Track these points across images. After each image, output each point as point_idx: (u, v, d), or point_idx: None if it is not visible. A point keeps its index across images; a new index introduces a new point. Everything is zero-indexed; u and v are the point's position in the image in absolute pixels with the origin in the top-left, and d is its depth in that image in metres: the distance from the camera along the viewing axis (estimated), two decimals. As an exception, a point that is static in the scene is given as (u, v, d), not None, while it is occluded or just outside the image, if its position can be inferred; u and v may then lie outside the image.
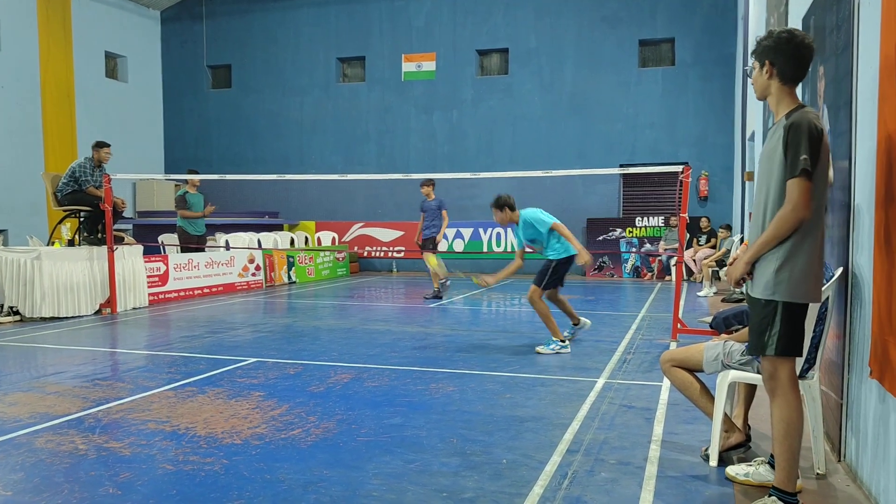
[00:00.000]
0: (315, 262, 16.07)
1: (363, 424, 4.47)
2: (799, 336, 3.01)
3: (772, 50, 3.05)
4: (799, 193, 2.88)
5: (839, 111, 3.99)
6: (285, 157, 19.15)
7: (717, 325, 6.66)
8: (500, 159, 17.43)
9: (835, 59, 4.14)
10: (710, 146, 16.30)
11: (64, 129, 16.86)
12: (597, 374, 5.93)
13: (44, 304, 9.25)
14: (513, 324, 9.18)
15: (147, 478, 3.56)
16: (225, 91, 19.93)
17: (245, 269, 13.65)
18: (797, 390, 3.04)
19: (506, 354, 6.82)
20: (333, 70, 18.90)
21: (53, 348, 7.34)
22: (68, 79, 17.01)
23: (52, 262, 9.39)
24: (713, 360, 3.73)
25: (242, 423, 4.50)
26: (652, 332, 8.19)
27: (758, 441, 4.07)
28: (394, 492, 3.36)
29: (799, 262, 2.95)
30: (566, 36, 17.07)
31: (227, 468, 3.68)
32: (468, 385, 5.54)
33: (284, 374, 5.99)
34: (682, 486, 3.43)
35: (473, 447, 4.01)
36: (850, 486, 3.43)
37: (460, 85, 17.91)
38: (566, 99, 17.15)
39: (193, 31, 19.93)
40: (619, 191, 17.10)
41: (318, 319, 9.48)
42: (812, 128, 2.90)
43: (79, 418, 4.66)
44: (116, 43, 18.71)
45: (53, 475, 3.60)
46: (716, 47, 16.13)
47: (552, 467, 3.68)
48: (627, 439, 4.16)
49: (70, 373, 6.06)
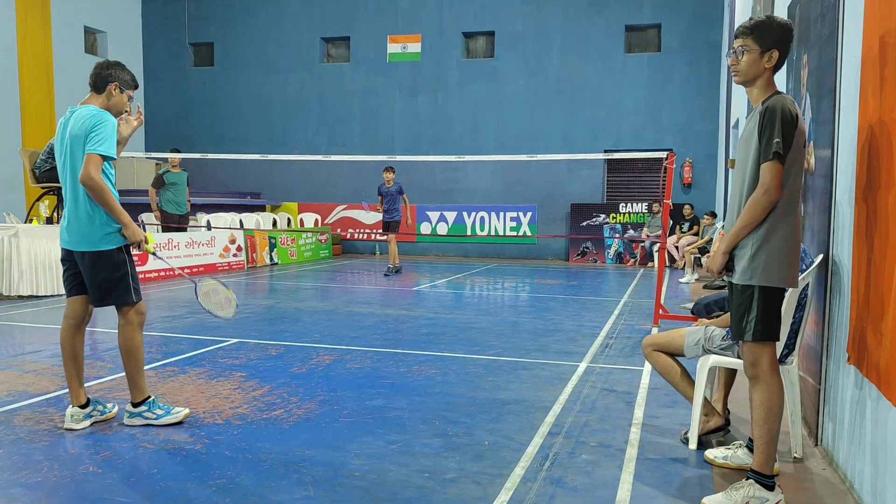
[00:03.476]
0: (297, 244, 15.99)
1: (345, 405, 4.47)
2: (776, 321, 3.04)
3: (780, 39, 3.04)
4: (771, 176, 2.91)
5: (822, 100, 4.02)
6: (268, 137, 18.99)
7: (698, 312, 6.72)
8: (484, 143, 17.40)
9: (819, 48, 4.16)
10: (695, 133, 16.38)
11: (42, 105, 16.57)
12: (579, 358, 5.97)
13: (21, 282, 9.13)
14: (495, 307, 9.21)
15: (128, 456, 3.54)
16: (207, 69, 19.68)
17: (226, 249, 13.55)
18: (778, 375, 3.08)
19: (488, 337, 6.84)
20: (318, 50, 18.72)
21: (31, 327, 7.26)
22: (47, 54, 16.69)
23: (30, 239, 9.26)
24: (694, 345, 3.76)
25: (224, 403, 4.49)
26: (634, 317, 8.25)
27: (736, 425, 4.12)
28: (375, 472, 3.37)
29: (775, 247, 2.97)
30: (553, 20, 17.02)
31: (208, 447, 3.67)
32: (450, 367, 5.55)
33: (266, 354, 5.97)
34: (661, 469, 3.47)
35: (455, 429, 4.03)
36: (826, 470, 3.49)
37: (446, 67, 17.81)
38: (552, 83, 17.12)
39: (175, 7, 19.62)
40: (603, 177, 17.15)
41: (300, 301, 9.44)
42: (786, 112, 2.91)
43: (57, 397, 4.62)
44: (96, 18, 18.38)
45: (33, 453, 3.57)
46: (702, 34, 16.16)
47: (533, 449, 3.71)
48: (608, 422, 4.20)
49: (48, 351, 6.00)
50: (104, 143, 3.77)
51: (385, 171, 12.60)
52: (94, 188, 3.73)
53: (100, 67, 4.01)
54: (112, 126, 3.85)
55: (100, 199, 3.77)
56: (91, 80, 3.99)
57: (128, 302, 4.01)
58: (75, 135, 3.83)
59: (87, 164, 3.72)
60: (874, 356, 2.81)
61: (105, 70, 3.98)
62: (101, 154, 3.75)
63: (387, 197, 12.59)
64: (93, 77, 3.98)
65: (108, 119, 3.84)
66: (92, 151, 3.74)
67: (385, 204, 12.63)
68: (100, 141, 3.75)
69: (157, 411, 4.05)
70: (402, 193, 12.65)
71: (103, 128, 3.79)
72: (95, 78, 3.98)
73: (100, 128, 3.78)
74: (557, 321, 7.85)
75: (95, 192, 3.75)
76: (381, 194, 12.66)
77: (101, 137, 3.76)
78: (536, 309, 8.88)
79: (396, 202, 12.60)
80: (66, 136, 3.90)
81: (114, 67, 4.01)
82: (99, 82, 3.97)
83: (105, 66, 4.02)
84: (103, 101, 3.98)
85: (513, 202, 17.33)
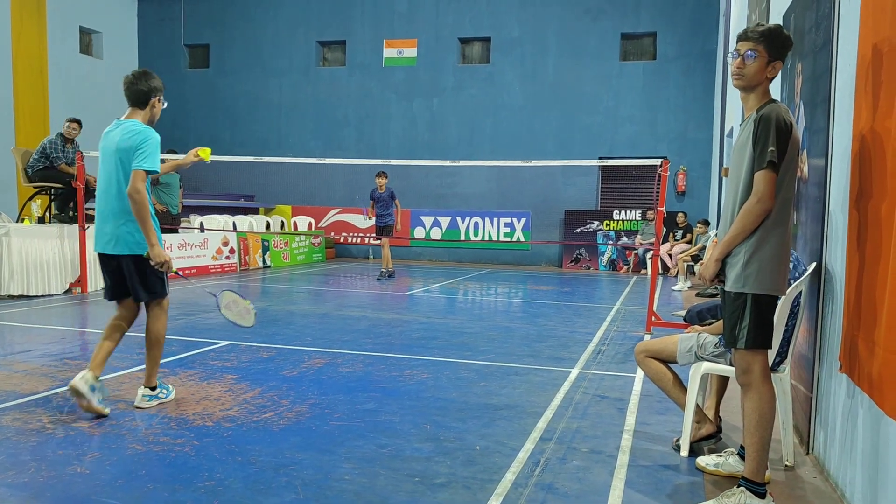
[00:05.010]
0: (290, 247, 15.95)
1: (336, 409, 4.45)
2: (768, 328, 3.04)
3: (785, 49, 3.04)
4: (765, 185, 2.91)
5: (816, 108, 4.03)
6: (263, 139, 18.96)
7: (690, 319, 6.74)
8: (480, 148, 17.42)
9: (813, 57, 4.18)
10: (689, 141, 16.43)
11: (36, 105, 16.51)
12: (571, 364, 5.97)
13: (12, 281, 9.08)
14: (488, 313, 9.20)
15: (116, 458, 3.51)
16: (202, 71, 19.65)
17: (219, 251, 13.50)
18: (770, 383, 3.08)
19: (481, 342, 6.83)
20: (313, 53, 18.72)
21: (21, 327, 7.21)
22: (41, 54, 16.64)
23: (22, 239, 9.21)
24: (687, 352, 3.76)
25: (214, 406, 4.46)
26: (626, 324, 8.26)
27: (728, 432, 4.12)
28: (366, 476, 3.35)
29: (767, 255, 2.98)
30: (549, 27, 17.07)
31: (197, 450, 3.64)
32: (442, 372, 5.54)
33: (258, 357, 5.94)
34: (652, 476, 3.47)
35: (446, 433, 4.02)
36: (817, 479, 3.49)
37: (441, 72, 17.84)
38: (547, 90, 17.16)
39: (171, 8, 19.60)
40: (597, 184, 17.18)
41: (292, 304, 9.41)
42: (781, 121, 2.92)
43: (46, 397, 4.58)
44: (92, 18, 18.34)
45: (20, 453, 3.53)
46: (697, 43, 16.23)
47: (525, 454, 3.69)
48: (600, 428, 4.19)
49: (38, 352, 5.96)
50: (149, 159, 4.07)
51: (378, 177, 12.71)
52: (139, 202, 4.05)
53: (136, 83, 4.24)
54: (156, 143, 4.16)
55: (139, 214, 4.07)
56: (130, 97, 4.25)
57: (162, 295, 4.39)
58: (123, 148, 4.13)
59: (134, 178, 4.03)
60: (866, 365, 2.81)
61: (144, 85, 4.24)
62: (146, 170, 4.06)
63: (379, 202, 12.71)
64: (132, 94, 4.25)
65: (154, 137, 4.16)
66: (138, 168, 4.05)
67: (378, 209, 12.75)
68: (145, 158, 4.06)
69: (164, 391, 4.50)
70: (395, 199, 12.78)
71: (149, 145, 4.10)
72: (136, 95, 4.24)
73: (146, 145, 4.09)
74: (550, 327, 7.84)
75: (138, 206, 4.06)
76: (374, 199, 12.78)
77: (147, 154, 4.07)
78: (529, 315, 8.87)
79: (389, 207, 12.75)
80: (114, 147, 4.16)
81: (150, 80, 4.28)
82: (141, 98, 4.25)
83: (141, 81, 4.25)
84: (146, 114, 4.29)
85: (507, 208, 17.34)
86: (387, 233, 12.82)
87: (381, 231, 12.90)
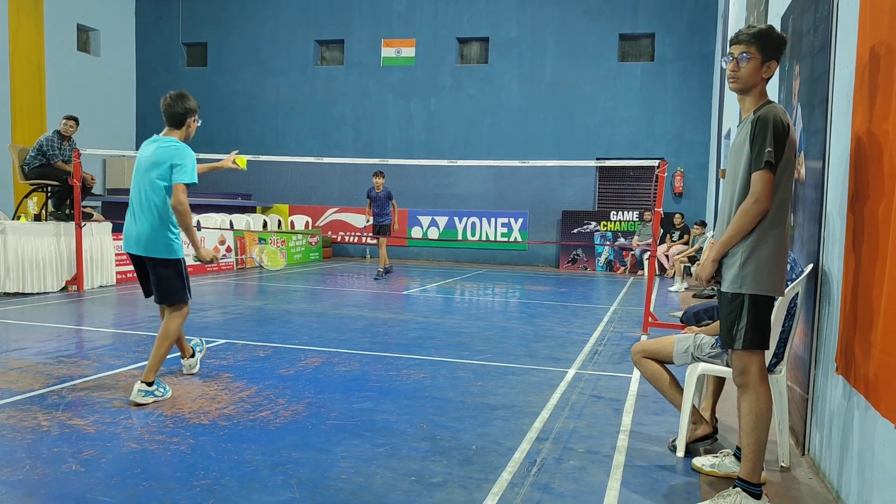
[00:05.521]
0: (287, 246, 15.93)
1: (333, 408, 4.45)
2: (765, 329, 3.04)
3: (778, 49, 3.04)
4: (762, 185, 2.91)
5: (814, 110, 4.03)
6: (260, 138, 18.93)
7: (687, 320, 6.75)
8: (477, 148, 17.42)
9: (811, 59, 4.18)
10: (687, 143, 16.45)
11: (33, 102, 16.47)
12: (568, 364, 5.97)
13: (8, 279, 9.05)
14: (485, 312, 9.20)
15: (111, 455, 3.50)
16: (200, 69, 19.62)
17: (216, 250, 13.48)
18: (767, 384, 3.08)
19: (477, 342, 6.83)
20: (311, 52, 18.70)
21: (17, 324, 7.19)
22: (38, 51, 16.60)
23: (18, 236, 9.19)
24: (683, 353, 3.76)
25: (210, 404, 4.45)
26: (623, 325, 8.26)
27: (724, 433, 4.12)
28: (362, 475, 3.35)
29: (764, 256, 2.98)
30: (547, 27, 17.07)
31: (193, 448, 3.64)
32: (439, 372, 5.54)
33: (254, 356, 5.94)
34: (648, 476, 3.47)
35: (443, 433, 4.01)
36: (813, 480, 3.50)
37: (439, 72, 17.83)
38: (545, 90, 17.17)
39: (169, 6, 19.57)
40: (594, 184, 17.19)
41: (289, 303, 9.40)
42: (778, 122, 2.92)
43: (42, 395, 4.57)
44: (89, 16, 18.29)
45: (15, 451, 3.52)
46: (695, 44, 16.25)
47: (521, 454, 3.69)
48: (596, 429, 4.19)
49: (34, 349, 5.94)
50: (188, 173, 4.45)
51: (375, 176, 12.73)
52: (183, 212, 4.46)
53: (173, 106, 4.59)
54: (193, 158, 4.54)
55: (183, 222, 4.52)
56: (168, 119, 4.61)
57: (184, 301, 4.66)
58: (161, 161, 4.48)
59: (176, 191, 4.41)
60: (862, 366, 2.82)
61: (180, 108, 4.59)
62: (186, 183, 4.44)
63: (376, 202, 12.75)
64: (169, 116, 4.60)
65: (191, 153, 4.54)
66: (179, 181, 4.42)
67: (375, 208, 12.80)
68: (184, 172, 4.44)
69: (161, 390, 4.54)
70: (392, 199, 12.81)
71: (187, 160, 4.47)
72: (173, 117, 4.60)
73: (184, 160, 4.46)
74: (547, 327, 7.84)
75: (181, 216, 4.47)
76: (371, 199, 12.81)
77: (186, 169, 4.45)
78: (526, 315, 8.88)
79: (386, 207, 12.79)
80: (151, 159, 4.50)
81: (186, 102, 4.63)
82: (178, 119, 4.62)
83: (178, 104, 4.59)
84: (182, 133, 4.65)
85: (504, 208, 17.34)
86: (384, 232, 12.86)
87: (378, 230, 12.94)
